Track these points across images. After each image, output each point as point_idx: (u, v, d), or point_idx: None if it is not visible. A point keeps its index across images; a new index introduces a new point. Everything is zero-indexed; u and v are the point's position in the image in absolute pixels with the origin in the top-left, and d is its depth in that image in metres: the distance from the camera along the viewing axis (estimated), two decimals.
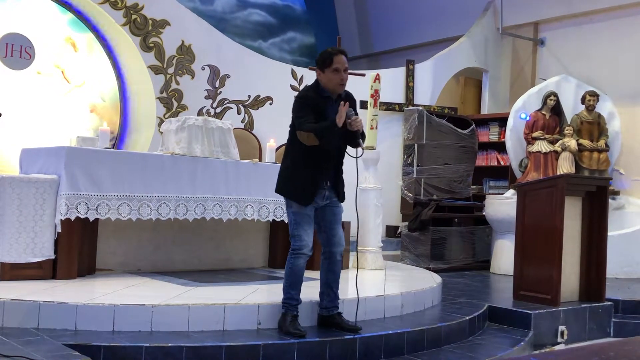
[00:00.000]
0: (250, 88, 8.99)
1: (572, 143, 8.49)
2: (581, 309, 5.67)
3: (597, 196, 5.97)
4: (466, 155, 9.00)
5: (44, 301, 3.90)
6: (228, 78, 8.80)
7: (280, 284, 4.22)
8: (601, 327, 5.79)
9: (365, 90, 6.86)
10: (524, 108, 8.93)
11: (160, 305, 3.98)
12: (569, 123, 8.73)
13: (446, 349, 4.52)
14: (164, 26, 8.38)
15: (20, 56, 7.69)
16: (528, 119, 8.71)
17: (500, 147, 9.75)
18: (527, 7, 10.31)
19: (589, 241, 5.96)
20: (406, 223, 8.26)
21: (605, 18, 9.57)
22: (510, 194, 8.37)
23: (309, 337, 4.00)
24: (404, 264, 7.57)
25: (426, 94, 10.16)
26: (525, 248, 5.85)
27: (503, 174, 9.69)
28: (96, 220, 4.94)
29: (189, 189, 5.23)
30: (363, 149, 4.07)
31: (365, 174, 6.55)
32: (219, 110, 8.74)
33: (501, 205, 8.02)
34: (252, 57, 9.21)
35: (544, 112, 8.69)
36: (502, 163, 9.82)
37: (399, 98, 9.91)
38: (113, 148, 6.90)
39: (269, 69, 9.22)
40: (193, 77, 8.56)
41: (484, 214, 8.40)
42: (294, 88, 9.24)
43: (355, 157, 4.05)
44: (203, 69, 8.65)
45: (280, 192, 4.23)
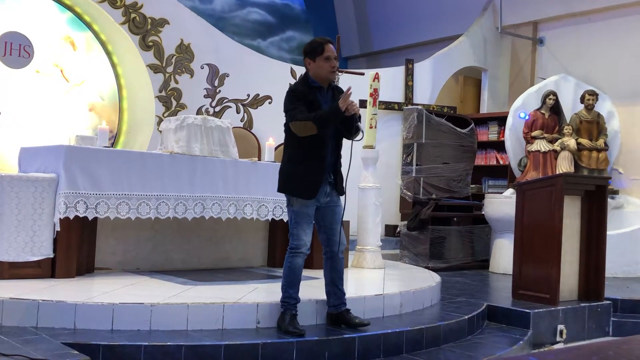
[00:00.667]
0: (250, 87, 8.98)
1: (571, 142, 8.49)
2: (580, 308, 5.67)
3: (596, 195, 5.97)
4: (465, 155, 9.00)
5: (43, 300, 3.89)
6: (227, 77, 8.80)
7: (279, 283, 4.22)
8: (600, 327, 5.80)
9: (365, 89, 6.86)
10: (523, 107, 8.92)
11: (159, 304, 3.98)
12: (568, 122, 8.72)
13: (445, 348, 4.52)
14: (163, 25, 8.38)
15: (19, 55, 7.68)
16: (527, 118, 8.71)
17: (499, 146, 9.75)
18: (527, 7, 10.31)
19: (588, 240, 5.96)
20: (405, 222, 8.26)
21: (604, 17, 9.57)
22: (510, 193, 8.37)
23: (308, 336, 3.99)
24: (403, 263, 7.57)
25: (425, 93, 10.16)
26: (524, 247, 5.85)
27: (502, 173, 9.69)
28: (95, 219, 4.93)
29: (188, 188, 5.22)
30: (362, 132, 4.10)
31: (364, 173, 6.56)
32: (218, 109, 8.73)
33: (500, 204, 8.02)
34: (251, 56, 9.20)
35: (543, 112, 8.68)
36: (501, 162, 9.82)
37: (398, 97, 9.91)
38: (112, 147, 6.89)
39: (268, 68, 9.22)
40: (192, 76, 8.56)
41: (483, 213, 8.40)
42: (293, 84, 9.24)
43: (357, 140, 4.09)
44: (202, 67, 8.65)
45: (283, 191, 4.21)
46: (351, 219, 5.95)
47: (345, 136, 4.19)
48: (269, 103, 9.07)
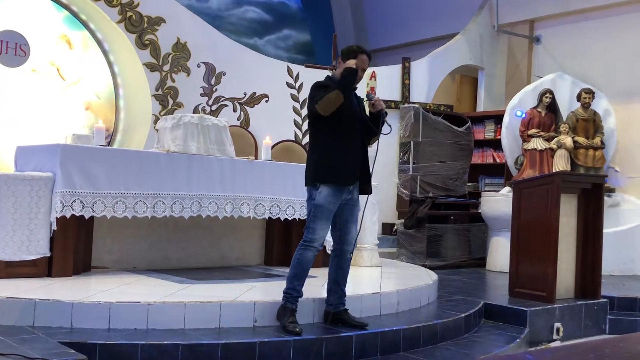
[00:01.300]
0: (246, 85, 8.98)
1: (568, 140, 8.51)
2: (577, 306, 5.69)
3: (593, 193, 5.99)
4: (462, 153, 9.01)
5: (40, 299, 3.89)
6: (224, 75, 8.79)
7: (276, 282, 4.23)
8: (596, 324, 5.81)
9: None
10: (519, 105, 8.94)
11: (156, 303, 3.97)
12: (564, 120, 8.74)
13: (442, 346, 4.52)
14: (159, 23, 8.36)
15: (15, 53, 7.66)
16: (524, 116, 8.73)
17: (496, 145, 9.76)
18: (523, 5, 10.32)
19: (585, 238, 5.97)
20: (402, 220, 8.26)
21: (600, 16, 9.58)
22: (506, 191, 8.39)
23: (305, 335, 3.99)
24: (400, 262, 7.58)
25: (422, 92, 10.16)
26: (520, 245, 5.86)
27: (499, 172, 9.71)
28: (92, 218, 4.92)
29: (184, 187, 5.22)
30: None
31: None
32: (214, 107, 8.73)
33: (497, 202, 8.03)
34: (248, 55, 9.20)
35: (539, 110, 8.70)
36: (498, 160, 9.84)
37: (395, 95, 9.91)
38: (108, 146, 6.89)
39: (264, 66, 9.21)
40: (189, 75, 8.55)
41: (479, 211, 8.41)
42: (289, 85, 9.24)
43: (386, 134, 4.23)
44: (199, 66, 8.63)
45: (315, 180, 4.14)
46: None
47: (373, 134, 4.29)
48: (266, 101, 9.06)
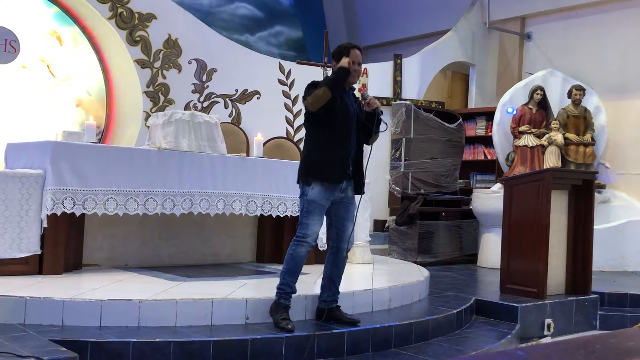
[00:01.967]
0: (238, 82, 8.95)
1: (559, 137, 8.54)
2: (567, 302, 5.71)
3: (583, 190, 6.01)
4: (453, 150, 9.02)
5: (30, 297, 3.87)
6: (215, 72, 8.77)
7: (268, 279, 4.23)
8: (587, 320, 5.84)
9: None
10: (510, 102, 8.96)
11: (147, 301, 3.97)
12: (555, 117, 8.77)
13: (433, 342, 4.53)
14: (150, 20, 8.33)
15: (4, 50, 7.61)
16: (515, 113, 8.75)
17: (487, 141, 9.78)
18: (514, 2, 10.34)
19: (575, 235, 6.00)
20: (394, 217, 8.28)
21: (591, 12, 9.62)
22: (497, 187, 8.41)
23: (297, 332, 3.99)
24: (392, 258, 7.59)
25: (414, 88, 10.17)
26: (512, 241, 5.88)
27: (490, 168, 9.73)
28: (82, 215, 4.91)
29: (176, 184, 5.20)
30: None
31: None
32: (206, 104, 8.70)
33: (488, 199, 8.05)
34: (239, 51, 9.17)
35: (530, 106, 8.72)
36: (489, 157, 9.86)
37: (387, 92, 9.91)
38: (99, 142, 6.86)
39: (256, 63, 9.19)
40: (180, 71, 8.52)
41: (471, 207, 8.43)
42: (281, 82, 9.22)
43: (382, 132, 4.28)
44: (190, 63, 8.61)
45: (307, 176, 4.16)
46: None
47: (367, 133, 4.30)
48: (257, 98, 9.04)
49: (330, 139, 4.16)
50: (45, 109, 7.87)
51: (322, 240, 5.77)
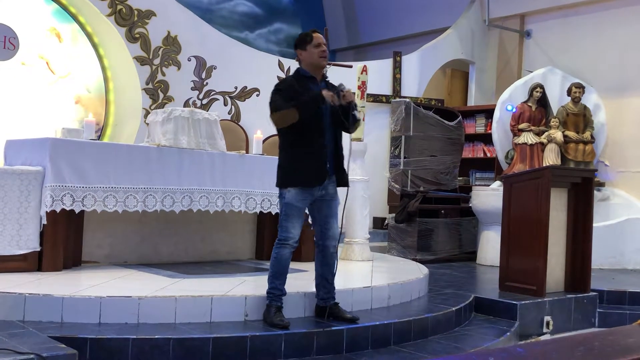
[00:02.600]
0: (237, 79, 8.95)
1: (558, 135, 8.54)
2: (566, 299, 5.72)
3: (583, 188, 6.01)
4: (453, 147, 9.02)
5: (30, 294, 3.87)
6: (214, 69, 8.76)
7: (268, 276, 4.22)
8: (586, 318, 5.85)
9: (353, 81, 6.84)
10: (510, 100, 8.96)
11: (146, 297, 3.97)
12: (554, 115, 8.77)
13: (432, 340, 4.54)
14: (149, 17, 8.32)
15: (4, 47, 7.61)
16: (514, 110, 8.75)
17: (486, 139, 9.79)
18: None
19: (575, 232, 6.00)
20: (393, 215, 8.28)
21: (591, 10, 9.61)
22: (497, 185, 8.42)
23: (296, 329, 4.00)
24: (391, 256, 7.59)
25: (413, 86, 10.17)
26: (511, 239, 5.88)
27: (489, 166, 9.74)
28: (82, 212, 4.91)
29: (175, 181, 5.20)
30: (359, 119, 4.20)
31: (352, 165, 6.55)
32: (205, 101, 8.70)
33: (487, 196, 8.05)
34: (239, 48, 9.17)
35: (530, 104, 8.72)
36: (489, 155, 9.87)
37: (386, 90, 9.91)
38: (98, 139, 6.85)
39: (255, 60, 9.19)
40: (179, 68, 8.52)
41: (470, 205, 8.43)
42: (280, 79, 9.21)
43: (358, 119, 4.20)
44: (189, 60, 8.60)
45: (283, 184, 4.15)
46: (339, 211, 5.95)
47: (342, 127, 4.18)
48: (257, 95, 9.04)
49: (304, 142, 4.09)
50: (45, 106, 7.87)
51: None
